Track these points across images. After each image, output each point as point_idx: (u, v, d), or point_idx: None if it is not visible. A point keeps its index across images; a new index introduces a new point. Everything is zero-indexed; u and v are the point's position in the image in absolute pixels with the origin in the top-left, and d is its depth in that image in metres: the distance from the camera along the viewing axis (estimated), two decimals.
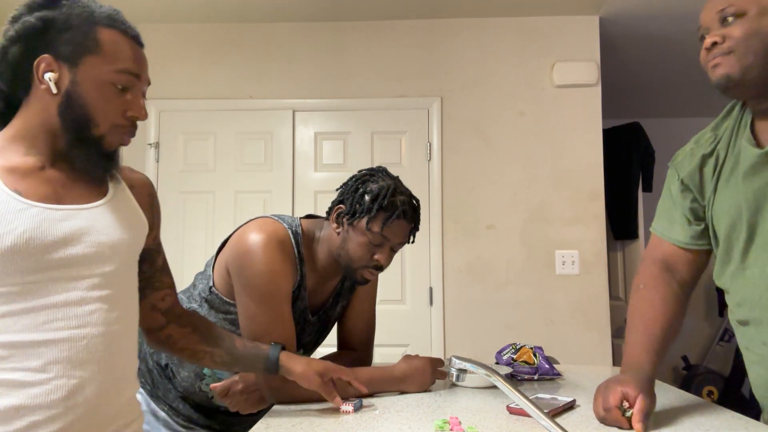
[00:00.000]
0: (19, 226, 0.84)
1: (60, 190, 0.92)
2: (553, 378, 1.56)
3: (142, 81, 0.96)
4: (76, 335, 0.87)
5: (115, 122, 0.93)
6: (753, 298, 1.08)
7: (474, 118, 3.02)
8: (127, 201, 1.01)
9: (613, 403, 1.05)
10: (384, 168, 1.37)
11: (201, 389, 1.38)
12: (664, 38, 3.18)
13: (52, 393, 0.85)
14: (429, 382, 1.36)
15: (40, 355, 0.85)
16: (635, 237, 3.48)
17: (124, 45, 0.94)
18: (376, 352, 1.64)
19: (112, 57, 0.92)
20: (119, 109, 0.93)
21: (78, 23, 0.91)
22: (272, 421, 1.10)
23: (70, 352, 0.86)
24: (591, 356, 2.85)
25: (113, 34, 0.93)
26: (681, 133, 4.68)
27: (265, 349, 1.18)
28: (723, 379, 4.13)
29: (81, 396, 0.87)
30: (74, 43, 0.90)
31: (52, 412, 0.85)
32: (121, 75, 0.92)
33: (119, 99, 0.93)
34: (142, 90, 0.97)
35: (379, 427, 1.06)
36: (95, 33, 0.91)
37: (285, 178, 3.02)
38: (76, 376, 0.86)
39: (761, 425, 1.06)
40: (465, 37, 3.06)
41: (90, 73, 0.91)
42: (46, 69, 0.90)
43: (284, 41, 3.06)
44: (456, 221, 2.96)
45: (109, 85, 0.91)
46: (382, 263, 1.31)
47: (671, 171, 1.25)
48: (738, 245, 1.10)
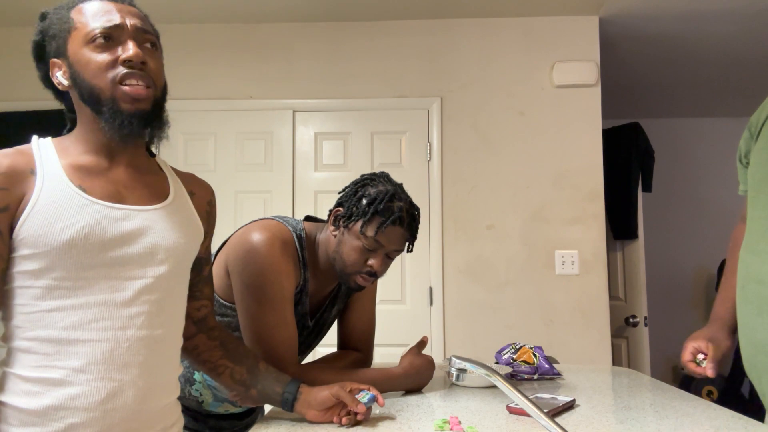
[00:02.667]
0: (80, 221, 0.87)
1: (123, 190, 0.94)
2: (553, 378, 1.56)
3: (125, 28, 0.92)
4: (120, 336, 0.88)
5: (112, 75, 0.90)
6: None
7: (474, 118, 3.02)
8: (186, 206, 1.02)
9: (686, 359, 1.31)
10: (386, 174, 1.34)
11: (191, 394, 1.37)
12: (664, 38, 3.18)
13: (90, 395, 0.85)
14: (429, 378, 1.38)
15: (83, 355, 0.86)
16: (635, 237, 3.48)
17: (90, 8, 0.93)
18: (376, 352, 1.64)
19: (81, 25, 0.93)
20: (109, 61, 0.90)
21: (57, 19, 0.95)
22: (272, 421, 1.10)
23: (112, 354, 0.87)
24: (591, 356, 2.85)
25: (80, 8, 0.94)
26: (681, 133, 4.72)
27: (284, 380, 1.13)
28: (723, 379, 4.13)
29: (120, 400, 0.87)
30: (58, 35, 0.94)
31: (90, 415, 0.85)
32: (93, 30, 0.91)
33: (105, 51, 0.91)
34: (130, 35, 0.92)
35: (379, 426, 1.06)
36: (68, 17, 0.94)
37: (285, 179, 3.02)
38: (116, 379, 0.87)
39: (761, 425, 1.06)
40: (465, 37, 3.06)
41: (74, 50, 0.92)
42: (56, 71, 0.95)
43: (284, 41, 3.06)
44: (456, 221, 2.96)
45: (87, 45, 0.91)
46: (375, 269, 1.26)
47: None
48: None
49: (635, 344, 3.50)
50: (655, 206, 4.43)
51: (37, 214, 0.86)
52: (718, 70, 3.66)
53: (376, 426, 1.06)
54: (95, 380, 0.86)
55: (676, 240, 4.52)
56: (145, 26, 0.95)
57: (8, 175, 0.86)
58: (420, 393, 1.36)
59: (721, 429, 1.03)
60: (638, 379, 1.58)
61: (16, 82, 3.12)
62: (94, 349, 0.86)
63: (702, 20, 2.96)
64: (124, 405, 0.88)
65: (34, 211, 0.86)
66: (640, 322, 3.45)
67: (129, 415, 0.88)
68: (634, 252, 3.52)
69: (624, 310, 3.56)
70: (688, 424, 1.07)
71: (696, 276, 4.53)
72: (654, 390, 1.41)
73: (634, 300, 3.51)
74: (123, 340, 0.88)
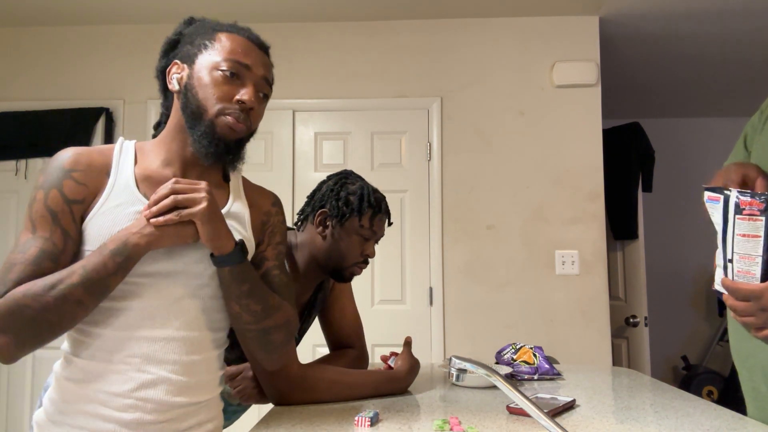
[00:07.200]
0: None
1: None
2: (553, 378, 1.56)
3: (253, 72, 1.01)
4: (158, 336, 0.95)
5: (221, 106, 0.98)
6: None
7: (474, 118, 3.02)
8: (240, 217, 1.06)
9: (735, 179, 1.05)
10: (351, 170, 1.46)
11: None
12: (664, 38, 3.18)
13: (125, 383, 0.92)
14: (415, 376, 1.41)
15: (125, 349, 0.93)
16: (635, 237, 3.48)
17: (236, 39, 1.01)
18: (375, 352, 1.64)
19: (221, 48, 1.00)
20: (227, 94, 0.98)
21: (203, 31, 1.03)
22: (272, 421, 1.10)
23: (149, 350, 0.94)
24: (591, 356, 2.85)
25: (230, 35, 1.02)
26: (681, 133, 4.72)
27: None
28: (723, 379, 4.14)
29: (152, 391, 0.93)
30: (196, 45, 1.02)
31: (124, 402, 0.92)
32: (228, 62, 0.99)
33: (227, 84, 0.99)
34: (253, 81, 1.01)
35: (379, 427, 1.06)
36: (214, 36, 1.02)
37: (285, 178, 3.02)
38: (151, 372, 0.93)
39: (761, 425, 1.06)
40: (465, 37, 3.06)
41: (202, 65, 1.00)
42: (174, 72, 1.02)
43: (284, 41, 3.06)
44: (456, 221, 2.96)
45: (215, 70, 0.99)
46: (372, 255, 1.40)
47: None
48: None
49: (635, 344, 3.51)
50: (655, 206, 4.43)
51: (103, 215, 0.93)
52: (718, 70, 3.66)
53: (377, 426, 1.06)
54: (131, 371, 0.93)
55: (676, 240, 4.52)
56: (267, 77, 1.04)
57: (86, 173, 0.95)
58: (420, 393, 1.36)
59: (721, 429, 1.03)
60: (638, 379, 1.58)
61: (16, 82, 3.12)
62: (135, 346, 0.93)
63: (702, 20, 2.96)
64: (157, 397, 0.94)
65: (100, 211, 0.94)
66: (640, 322, 3.45)
67: (162, 407, 0.94)
68: (634, 252, 3.52)
69: (624, 310, 3.56)
70: (688, 424, 1.07)
71: (696, 276, 4.53)
72: (654, 390, 1.41)
73: (634, 300, 3.51)
74: (159, 339, 0.95)
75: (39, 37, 3.14)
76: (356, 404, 1.23)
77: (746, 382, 1.15)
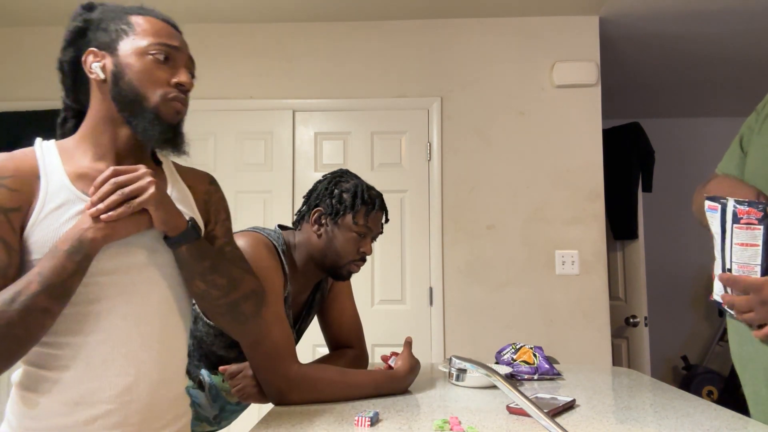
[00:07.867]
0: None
1: None
2: (553, 378, 1.56)
3: (181, 52, 1.00)
4: (133, 333, 0.93)
5: (162, 91, 0.97)
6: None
7: (474, 118, 3.02)
8: (183, 199, 1.05)
9: (750, 197, 1.02)
10: (347, 169, 1.47)
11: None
12: (664, 38, 3.18)
13: (109, 389, 0.90)
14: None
15: (99, 353, 0.90)
16: (635, 237, 3.48)
17: (155, 23, 1.00)
18: (375, 352, 1.64)
19: (144, 33, 0.98)
20: (163, 78, 0.97)
21: (112, 16, 1.00)
22: (272, 421, 1.10)
23: (128, 349, 0.92)
24: (591, 356, 2.85)
25: (144, 18, 1.00)
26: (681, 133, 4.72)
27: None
28: (723, 379, 4.13)
29: (135, 392, 0.92)
30: (110, 31, 0.98)
31: (109, 407, 0.90)
32: (157, 46, 0.97)
33: (161, 69, 0.97)
34: (183, 61, 1.00)
35: (379, 426, 1.06)
36: (127, 19, 0.99)
37: (285, 179, 3.02)
38: (131, 373, 0.92)
39: (761, 425, 1.06)
40: (465, 37, 3.06)
41: (128, 51, 0.97)
42: (92, 60, 0.98)
43: (284, 41, 3.06)
44: (456, 221, 2.96)
45: (146, 56, 0.97)
46: (369, 252, 1.40)
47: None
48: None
49: (635, 344, 3.51)
50: (655, 206, 4.43)
51: (45, 220, 0.89)
52: (718, 70, 3.66)
53: (377, 426, 1.06)
54: (113, 376, 0.91)
55: (676, 240, 4.52)
56: (191, 57, 1.04)
57: (16, 178, 0.89)
58: (420, 393, 1.36)
59: (721, 429, 1.03)
60: (638, 379, 1.58)
61: (16, 82, 3.12)
62: (111, 348, 0.91)
63: (702, 20, 2.96)
64: (138, 397, 0.93)
65: (41, 216, 0.89)
66: (640, 322, 3.45)
67: (144, 406, 0.94)
68: (634, 252, 3.52)
69: (624, 310, 3.56)
70: (688, 424, 1.07)
71: (696, 276, 4.53)
72: (654, 390, 1.41)
73: (634, 300, 3.51)
74: (136, 336, 0.93)
75: (39, 37, 3.14)
76: (356, 404, 1.23)
77: (748, 386, 1.15)
